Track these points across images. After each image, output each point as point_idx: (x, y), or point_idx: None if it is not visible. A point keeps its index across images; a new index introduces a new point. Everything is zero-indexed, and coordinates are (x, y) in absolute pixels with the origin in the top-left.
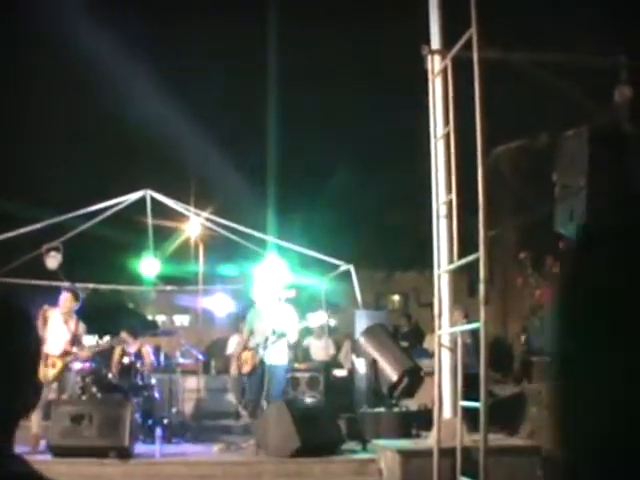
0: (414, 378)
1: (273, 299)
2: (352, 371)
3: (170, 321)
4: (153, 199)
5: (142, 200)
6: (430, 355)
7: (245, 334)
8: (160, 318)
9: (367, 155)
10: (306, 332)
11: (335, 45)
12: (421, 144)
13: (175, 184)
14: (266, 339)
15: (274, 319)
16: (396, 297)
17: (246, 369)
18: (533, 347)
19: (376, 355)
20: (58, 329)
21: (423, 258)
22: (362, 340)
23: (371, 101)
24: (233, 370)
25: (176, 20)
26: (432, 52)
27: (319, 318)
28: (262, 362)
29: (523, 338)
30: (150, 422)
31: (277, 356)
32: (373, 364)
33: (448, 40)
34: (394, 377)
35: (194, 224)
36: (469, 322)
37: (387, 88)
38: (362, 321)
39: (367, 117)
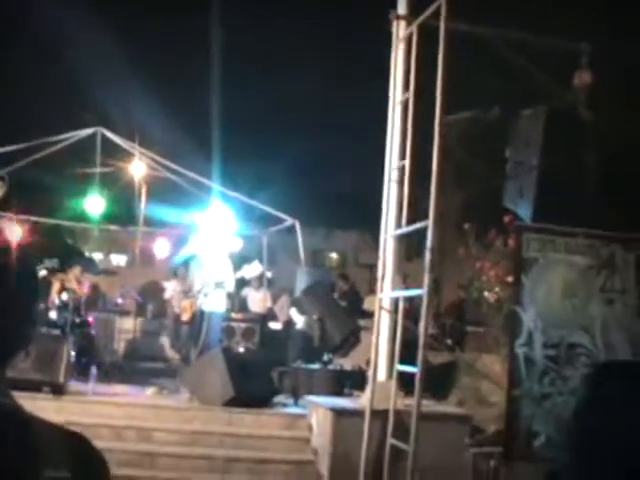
0: (354, 339)
1: (218, 249)
2: (287, 325)
3: (107, 260)
4: (103, 137)
5: (91, 138)
6: (367, 316)
7: (187, 281)
8: (97, 256)
9: (320, 117)
10: (242, 283)
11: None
12: (378, 110)
13: (121, 126)
14: (205, 287)
15: (213, 268)
16: (334, 255)
17: (185, 316)
18: (469, 318)
19: (319, 314)
20: None
21: (365, 219)
22: (304, 298)
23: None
24: (169, 315)
25: None
26: (398, 17)
27: (254, 269)
28: (201, 310)
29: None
30: (85, 360)
31: (215, 304)
32: (317, 322)
33: (415, 7)
34: (337, 339)
35: (139, 164)
36: (407, 287)
37: (348, 52)
38: (302, 278)
39: (323, 79)
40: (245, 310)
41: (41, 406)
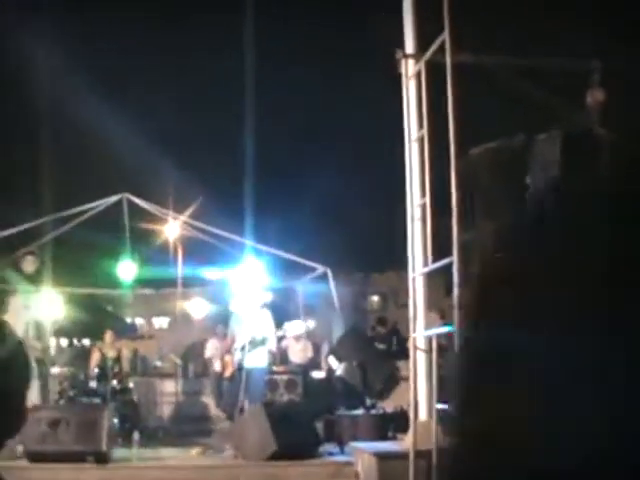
0: (393, 382)
1: (251, 303)
2: (330, 373)
3: (149, 323)
4: (130, 202)
5: (120, 203)
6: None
7: (229, 338)
8: (138, 321)
9: (346, 158)
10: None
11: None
12: (396, 147)
13: (153, 188)
14: (245, 344)
15: (252, 324)
16: (375, 298)
17: (227, 372)
18: None
19: (358, 360)
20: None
21: (401, 259)
22: (341, 345)
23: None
24: (213, 373)
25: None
26: (406, 56)
27: (297, 327)
28: (241, 366)
29: None
30: (128, 426)
31: (256, 359)
32: (357, 368)
33: (422, 44)
34: (378, 385)
35: (173, 226)
36: (446, 323)
37: (363, 92)
38: (338, 325)
39: (348, 120)
40: (286, 362)
41: (87, 475)
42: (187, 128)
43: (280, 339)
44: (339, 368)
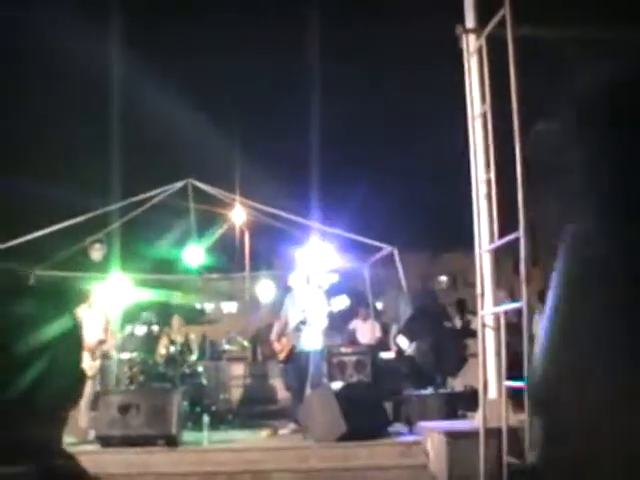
0: (461, 360)
1: (310, 284)
2: (399, 354)
3: (218, 308)
4: (196, 188)
5: (185, 189)
6: (476, 335)
7: (282, 320)
8: (208, 306)
9: (411, 137)
10: (349, 316)
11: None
12: (460, 124)
13: (219, 173)
14: (297, 325)
15: (305, 304)
16: (443, 278)
17: (282, 356)
18: None
19: (432, 339)
20: (91, 318)
21: (468, 238)
22: (413, 324)
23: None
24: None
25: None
26: (466, 31)
27: (342, 302)
28: (295, 348)
29: None
30: (198, 409)
31: (311, 341)
32: (431, 347)
33: (482, 18)
34: (453, 362)
35: (239, 211)
36: (514, 301)
37: (427, 71)
38: (405, 305)
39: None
40: (355, 343)
41: (157, 459)
42: (253, 111)
43: (329, 314)
44: (410, 348)
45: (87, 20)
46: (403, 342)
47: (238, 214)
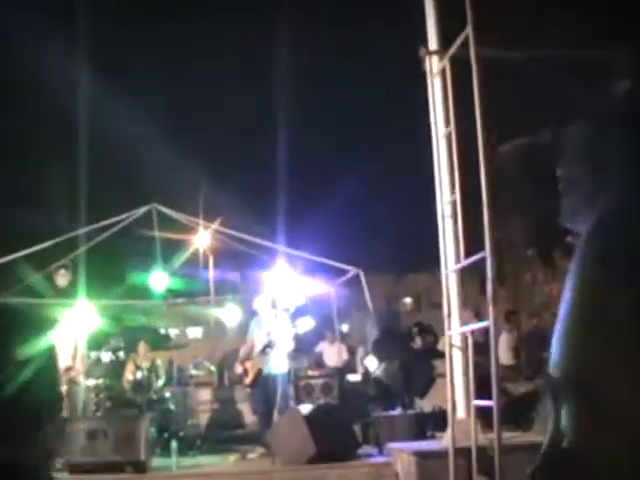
0: (430, 381)
1: (276, 307)
2: (366, 376)
3: (183, 334)
4: (160, 213)
5: (149, 214)
6: (443, 356)
7: (248, 344)
8: (173, 331)
9: (376, 160)
10: (317, 339)
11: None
12: (425, 146)
13: (182, 196)
14: (264, 348)
15: (271, 328)
16: (408, 299)
17: (249, 380)
18: (546, 343)
19: (400, 360)
20: (60, 344)
21: (432, 259)
22: (380, 345)
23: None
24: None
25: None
26: (429, 53)
27: (306, 323)
28: (262, 371)
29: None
30: (166, 435)
31: (277, 364)
32: (400, 368)
33: (446, 40)
34: (422, 384)
35: (203, 236)
36: (480, 321)
37: (390, 92)
38: (372, 326)
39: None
40: (322, 365)
41: None
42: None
43: (294, 337)
44: (378, 369)
45: (54, 45)
46: (372, 363)
47: (202, 239)
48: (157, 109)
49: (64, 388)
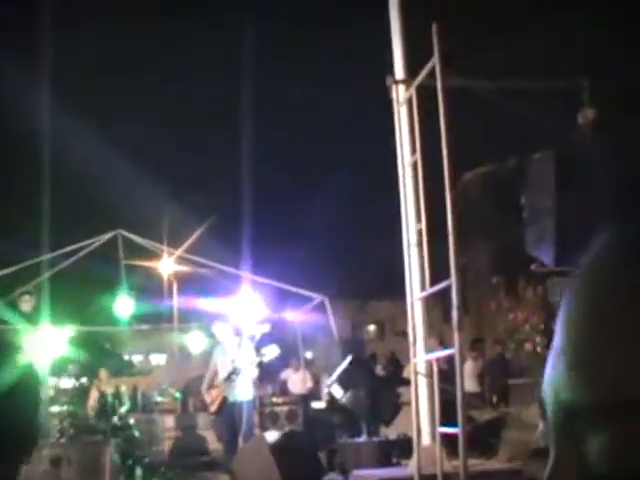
0: (395, 408)
1: (240, 334)
2: (331, 403)
3: (147, 360)
4: (125, 239)
5: (114, 240)
6: (408, 383)
7: (211, 370)
8: (137, 358)
9: (342, 188)
10: (281, 366)
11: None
12: (391, 174)
13: (147, 223)
14: (229, 375)
15: (235, 355)
16: (372, 327)
17: (214, 408)
18: (510, 370)
19: (365, 389)
20: None
21: (397, 285)
22: (346, 374)
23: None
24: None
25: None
26: (396, 82)
27: (272, 351)
28: (226, 399)
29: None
30: (130, 462)
31: (242, 392)
32: (366, 396)
33: (413, 69)
34: (388, 412)
35: (167, 262)
36: (445, 348)
37: (356, 119)
38: (337, 353)
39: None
40: (286, 393)
41: None
42: (183, 162)
43: (259, 364)
44: (344, 397)
45: (17, 72)
46: (337, 391)
47: (166, 265)
48: (123, 135)
49: None
